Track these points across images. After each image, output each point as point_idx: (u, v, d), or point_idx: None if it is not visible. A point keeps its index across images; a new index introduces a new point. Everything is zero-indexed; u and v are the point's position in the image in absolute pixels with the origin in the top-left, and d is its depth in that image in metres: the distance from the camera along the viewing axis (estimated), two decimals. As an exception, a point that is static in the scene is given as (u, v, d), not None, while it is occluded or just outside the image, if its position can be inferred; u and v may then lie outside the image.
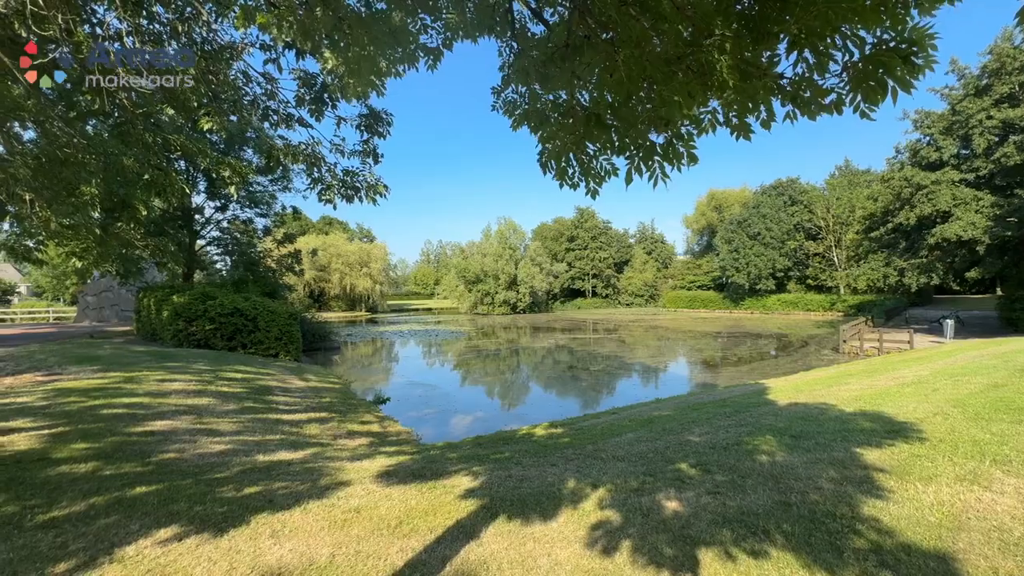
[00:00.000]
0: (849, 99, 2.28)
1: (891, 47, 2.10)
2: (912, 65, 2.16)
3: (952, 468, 4.17)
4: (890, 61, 2.13)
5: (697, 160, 2.59)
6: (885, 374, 11.22)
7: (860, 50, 2.19)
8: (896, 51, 2.12)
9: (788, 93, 2.32)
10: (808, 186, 52.77)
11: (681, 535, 3.17)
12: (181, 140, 4.69)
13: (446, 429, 10.78)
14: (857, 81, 2.18)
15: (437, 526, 3.47)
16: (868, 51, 2.18)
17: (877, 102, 2.24)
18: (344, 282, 58.97)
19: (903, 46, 2.11)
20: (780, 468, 4.47)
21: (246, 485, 4.34)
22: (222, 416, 7.55)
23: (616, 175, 2.85)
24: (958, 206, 23.42)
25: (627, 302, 66.37)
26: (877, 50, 2.17)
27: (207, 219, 23.95)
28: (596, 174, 2.86)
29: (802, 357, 21.16)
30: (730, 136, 2.49)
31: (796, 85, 2.36)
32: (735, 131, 2.48)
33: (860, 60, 2.20)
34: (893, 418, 6.24)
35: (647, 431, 6.81)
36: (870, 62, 2.18)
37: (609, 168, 2.87)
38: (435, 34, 3.61)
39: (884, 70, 2.09)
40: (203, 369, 11.51)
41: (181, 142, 4.64)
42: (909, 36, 2.14)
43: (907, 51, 2.13)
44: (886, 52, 2.15)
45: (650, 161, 2.54)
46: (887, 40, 2.11)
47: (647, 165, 2.55)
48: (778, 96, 2.35)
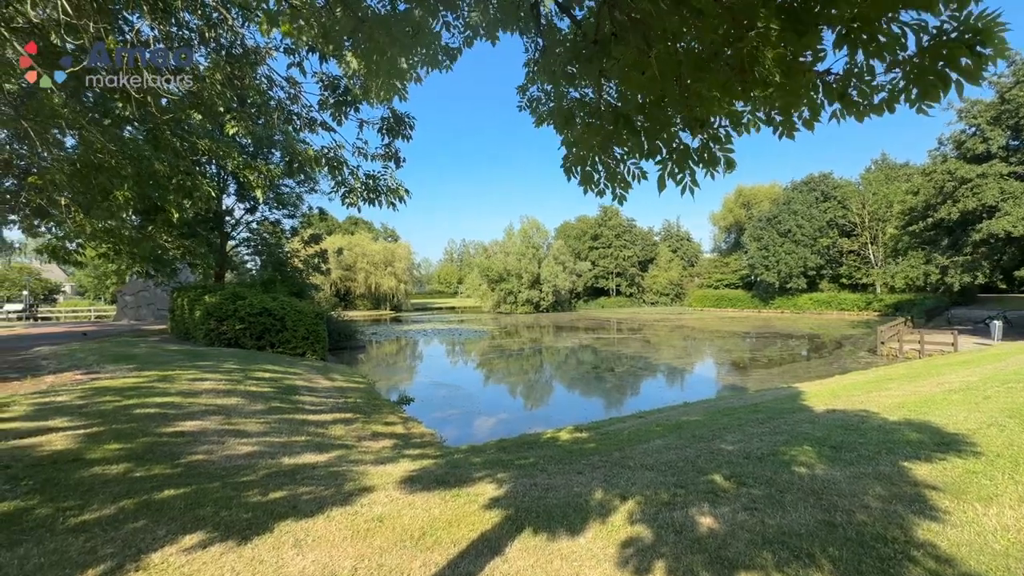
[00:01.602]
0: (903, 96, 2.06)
1: (953, 38, 1.89)
2: (979, 56, 1.94)
3: (1015, 488, 3.86)
4: (953, 52, 1.91)
5: (734, 166, 2.40)
6: (929, 379, 10.66)
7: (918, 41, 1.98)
8: (961, 41, 1.90)
9: (835, 90, 2.12)
10: (842, 181, 50.89)
11: (718, 556, 3.00)
12: (208, 144, 4.73)
13: (470, 431, 10.73)
14: (915, 77, 1.97)
15: (461, 539, 3.38)
16: (926, 43, 1.97)
17: (938, 98, 2.02)
18: (369, 281, 59.83)
19: (968, 35, 1.89)
20: (821, 483, 4.23)
21: (271, 489, 4.34)
22: (250, 416, 7.66)
23: (645, 178, 2.69)
24: (1006, 200, 22.17)
25: (652, 301, 65.38)
26: (938, 41, 1.96)
27: (237, 220, 24.55)
28: (623, 179, 2.71)
29: (836, 359, 20.38)
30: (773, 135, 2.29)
31: (843, 82, 2.15)
32: (779, 129, 2.29)
33: (917, 53, 1.99)
34: (942, 429, 5.87)
35: (676, 437, 6.59)
36: (928, 55, 1.96)
37: (638, 172, 2.70)
38: (456, 33, 3.51)
39: (945, 63, 1.88)
40: (233, 368, 11.76)
41: (208, 146, 4.68)
42: (974, 25, 1.92)
43: (972, 40, 1.91)
44: (948, 43, 1.93)
45: (684, 165, 2.38)
46: (948, 31, 1.89)
47: (679, 169, 2.39)
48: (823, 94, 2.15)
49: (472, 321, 47.26)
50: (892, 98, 2.05)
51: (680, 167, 2.39)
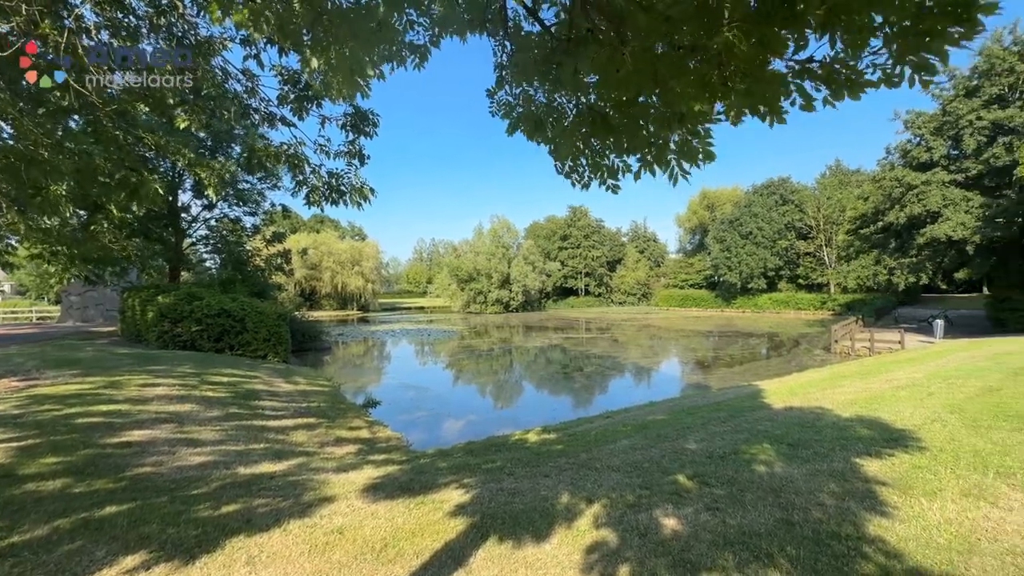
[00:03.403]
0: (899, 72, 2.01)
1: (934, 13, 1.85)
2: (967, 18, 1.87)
3: (956, 481, 4.07)
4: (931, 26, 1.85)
5: (714, 157, 2.40)
6: (879, 376, 11.19)
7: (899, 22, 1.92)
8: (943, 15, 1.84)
9: (820, 76, 2.10)
10: (799, 186, 53.06)
11: (681, 559, 3.02)
12: (155, 138, 4.45)
13: (437, 433, 10.59)
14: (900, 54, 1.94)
15: (424, 550, 3.29)
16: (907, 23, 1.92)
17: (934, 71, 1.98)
18: (335, 281, 58.47)
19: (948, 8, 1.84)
20: (779, 481, 4.35)
21: (224, 502, 4.13)
22: (205, 424, 7.32)
23: (630, 171, 2.67)
24: (948, 206, 23.58)
25: (620, 301, 66.47)
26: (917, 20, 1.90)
27: (194, 217, 23.52)
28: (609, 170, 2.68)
29: (794, 357, 21.20)
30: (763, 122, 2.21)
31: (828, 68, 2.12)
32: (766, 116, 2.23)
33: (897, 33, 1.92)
34: (890, 425, 6.15)
35: (642, 437, 6.67)
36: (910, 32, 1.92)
37: (622, 165, 2.68)
38: (422, 31, 3.42)
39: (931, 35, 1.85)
40: (188, 372, 11.23)
41: (156, 140, 4.40)
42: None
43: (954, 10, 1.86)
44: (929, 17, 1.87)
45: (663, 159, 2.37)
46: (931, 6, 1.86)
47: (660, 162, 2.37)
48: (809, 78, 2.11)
49: (441, 321, 46.84)
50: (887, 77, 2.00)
51: (660, 161, 2.38)
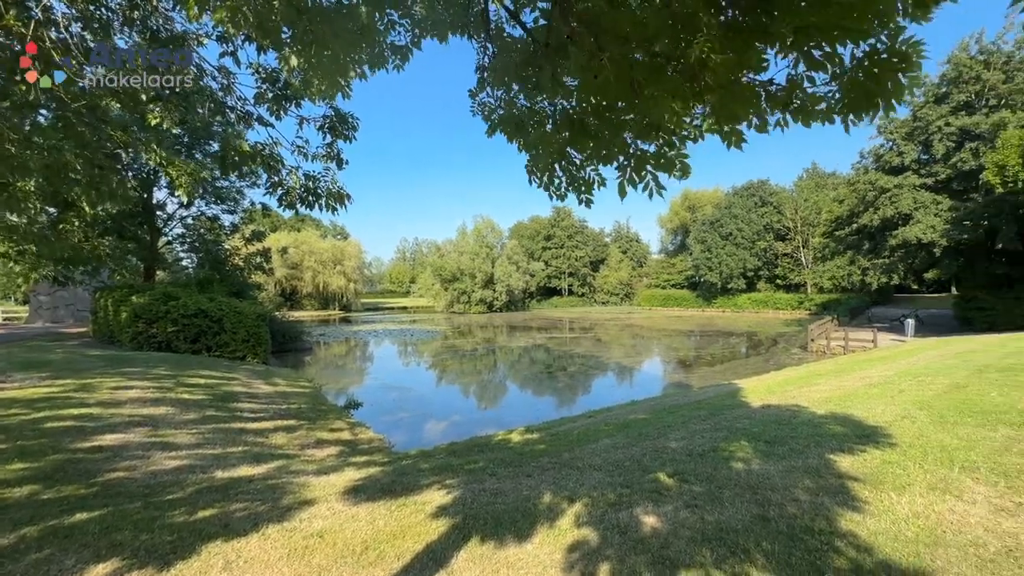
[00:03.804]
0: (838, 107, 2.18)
1: (883, 58, 2.01)
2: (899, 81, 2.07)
3: (924, 476, 4.20)
4: (882, 73, 2.04)
5: (689, 171, 2.44)
6: (852, 374, 11.50)
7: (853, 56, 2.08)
8: (888, 63, 2.02)
9: (779, 100, 2.21)
10: (778, 188, 54.18)
11: (660, 556, 3.07)
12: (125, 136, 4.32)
13: (420, 434, 10.54)
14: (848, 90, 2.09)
15: (405, 551, 3.28)
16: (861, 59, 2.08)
17: (868, 112, 2.14)
18: (317, 280, 57.69)
19: (895, 59, 2.01)
20: (756, 477, 4.44)
21: (200, 507, 4.05)
22: (181, 427, 7.15)
23: (604, 185, 2.70)
24: (918, 209, 24.33)
25: (603, 300, 66.97)
26: (870, 59, 2.07)
27: (170, 215, 22.96)
28: (585, 183, 2.71)
29: (772, 356, 21.64)
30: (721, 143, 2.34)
31: (788, 92, 2.25)
32: (726, 138, 2.35)
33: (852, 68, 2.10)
34: (863, 421, 6.32)
35: (624, 436, 6.73)
36: (862, 70, 2.08)
37: (597, 179, 2.71)
38: (403, 31, 3.40)
39: (875, 83, 2.00)
40: (163, 374, 10.96)
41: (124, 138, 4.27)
42: (900, 48, 2.05)
43: (898, 65, 2.04)
44: (879, 63, 2.05)
45: (642, 170, 2.40)
46: (880, 50, 2.01)
47: (639, 175, 2.41)
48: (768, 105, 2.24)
49: (425, 321, 46.58)
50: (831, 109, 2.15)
51: (638, 172, 2.41)
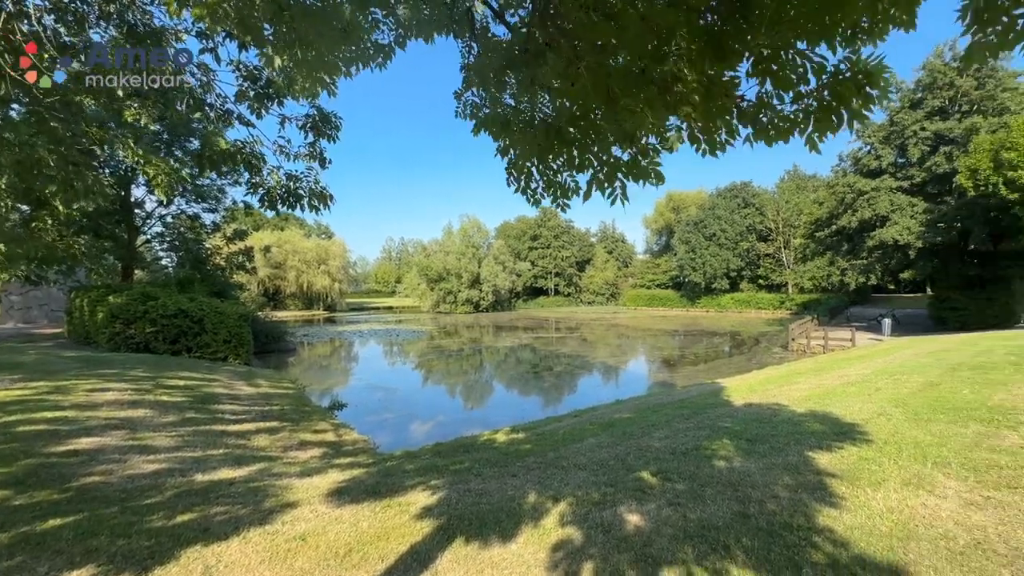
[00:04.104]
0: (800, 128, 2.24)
1: (847, 77, 2.07)
2: (867, 96, 2.14)
3: (898, 472, 4.32)
4: (845, 91, 2.10)
5: (663, 179, 2.49)
6: (831, 372, 11.75)
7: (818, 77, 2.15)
8: (852, 81, 2.08)
9: (748, 114, 2.27)
10: (760, 190, 55.07)
11: (643, 554, 3.10)
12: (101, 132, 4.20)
13: (406, 435, 10.48)
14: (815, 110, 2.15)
15: (389, 553, 3.26)
16: (825, 79, 2.15)
17: (833, 131, 2.22)
18: (301, 280, 56.99)
19: (859, 77, 2.08)
20: (738, 475, 4.51)
21: (180, 511, 3.98)
22: (159, 430, 7.01)
23: (579, 193, 2.73)
24: (895, 211, 24.94)
25: (589, 300, 67.34)
26: (834, 79, 2.14)
27: (149, 214, 22.47)
28: (562, 189, 2.73)
29: (755, 355, 21.99)
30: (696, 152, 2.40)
31: (757, 108, 2.31)
32: (701, 147, 2.40)
33: (817, 88, 2.17)
34: (841, 419, 6.47)
35: (608, 435, 6.79)
36: (827, 88, 2.15)
37: (573, 185, 2.74)
38: (387, 30, 3.38)
39: (839, 101, 2.07)
40: (141, 376, 10.73)
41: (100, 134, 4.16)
42: (864, 67, 2.11)
43: (862, 82, 2.11)
44: (842, 81, 2.12)
45: (613, 178, 2.43)
46: (843, 70, 2.07)
47: (610, 182, 2.44)
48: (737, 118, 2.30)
49: (410, 321, 46.33)
50: (794, 125, 2.22)
51: (610, 180, 2.44)
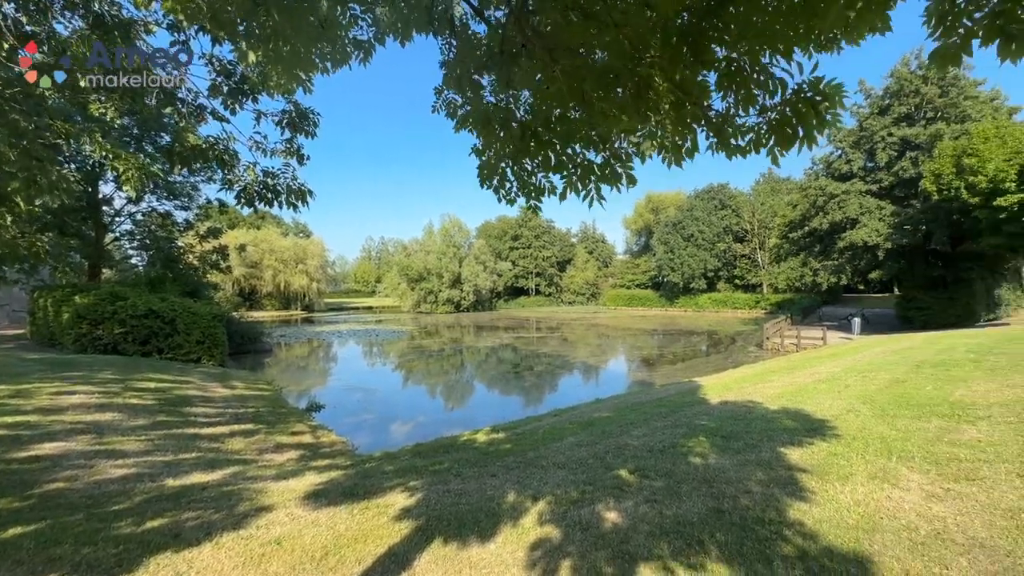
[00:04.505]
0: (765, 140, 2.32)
1: (808, 96, 2.15)
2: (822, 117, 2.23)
3: (865, 466, 4.47)
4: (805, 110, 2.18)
5: (635, 181, 2.54)
6: (803, 370, 12.07)
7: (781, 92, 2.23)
8: (811, 101, 2.16)
9: (714, 125, 2.33)
10: (736, 192, 56.18)
11: (620, 551, 3.15)
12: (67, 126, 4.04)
13: (385, 436, 10.39)
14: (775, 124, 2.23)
15: (366, 555, 3.24)
16: (788, 95, 2.23)
17: (789, 147, 2.30)
18: (278, 279, 55.92)
19: (818, 97, 2.16)
20: (713, 471, 4.60)
21: (149, 517, 3.87)
22: (128, 434, 6.80)
23: (555, 193, 2.75)
24: (864, 214, 25.74)
25: (569, 300, 67.74)
26: (796, 96, 2.22)
27: (117, 211, 21.75)
28: (536, 189, 2.75)
29: (731, 354, 22.44)
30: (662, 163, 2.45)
31: (723, 119, 2.37)
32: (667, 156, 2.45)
33: (780, 103, 2.24)
34: (812, 415, 6.66)
35: (587, 434, 6.85)
36: (788, 105, 2.22)
37: (547, 186, 2.76)
38: (366, 26, 3.35)
39: (798, 118, 2.14)
40: (109, 379, 10.39)
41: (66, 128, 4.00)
42: (823, 88, 2.20)
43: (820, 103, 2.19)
44: (803, 100, 2.19)
45: (587, 180, 2.47)
46: (804, 89, 2.15)
47: (583, 184, 2.48)
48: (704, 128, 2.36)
49: (390, 321, 45.90)
50: (758, 141, 2.30)
51: (583, 182, 2.48)
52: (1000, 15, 1.76)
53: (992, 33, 1.81)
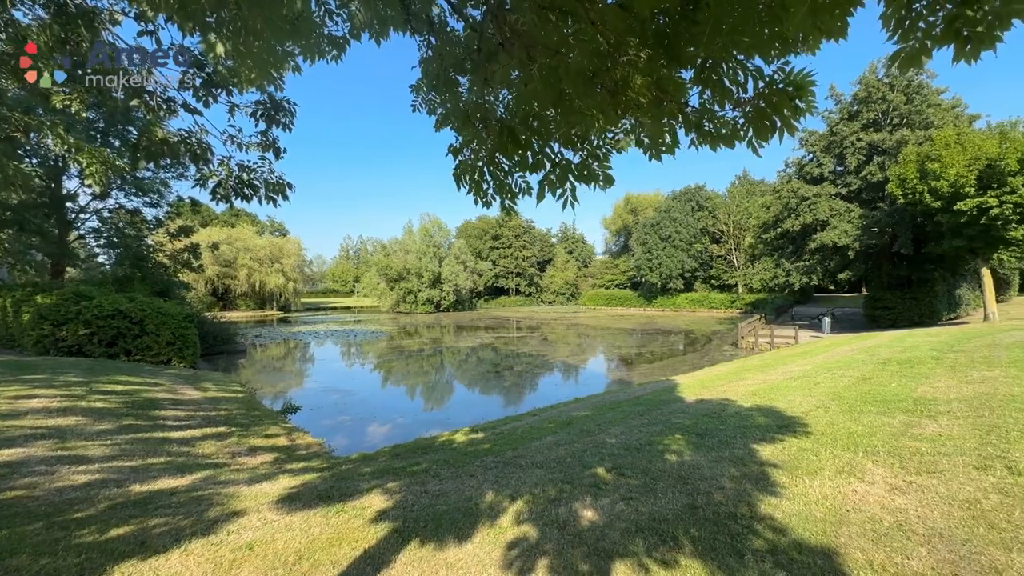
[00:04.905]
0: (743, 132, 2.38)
1: (780, 88, 2.20)
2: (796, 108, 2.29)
3: (833, 461, 4.60)
4: (780, 101, 2.24)
5: (612, 182, 2.57)
6: (776, 368, 12.37)
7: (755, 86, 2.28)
8: (785, 93, 2.22)
9: (692, 122, 2.37)
10: (713, 193, 57.29)
11: (596, 548, 3.17)
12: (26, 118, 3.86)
13: (363, 438, 10.26)
14: (752, 117, 2.28)
15: (342, 558, 3.19)
16: (762, 88, 2.28)
17: (767, 138, 2.35)
18: (253, 279, 54.70)
19: (790, 88, 2.22)
20: (688, 468, 4.68)
21: (114, 525, 3.74)
22: (93, 438, 6.56)
23: (530, 194, 2.76)
24: (834, 216, 26.53)
25: (549, 300, 68.07)
26: (769, 89, 2.27)
27: (82, 207, 20.95)
28: (511, 191, 2.75)
29: (707, 353, 22.86)
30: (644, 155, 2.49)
31: (700, 114, 2.42)
32: (648, 151, 2.49)
33: (754, 96, 2.30)
34: (784, 412, 6.83)
35: (566, 433, 6.89)
36: (763, 98, 2.28)
37: (524, 187, 2.77)
38: (341, 22, 3.30)
39: (773, 109, 2.20)
40: (73, 381, 10.00)
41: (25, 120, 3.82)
42: (795, 80, 2.26)
43: (793, 94, 2.25)
44: (777, 92, 2.26)
45: (564, 180, 2.48)
46: (777, 80, 2.20)
47: (561, 184, 2.49)
48: (682, 125, 2.40)
49: (369, 321, 45.36)
50: (736, 134, 2.35)
51: (561, 181, 2.49)
52: (955, 18, 1.84)
53: (947, 36, 1.89)
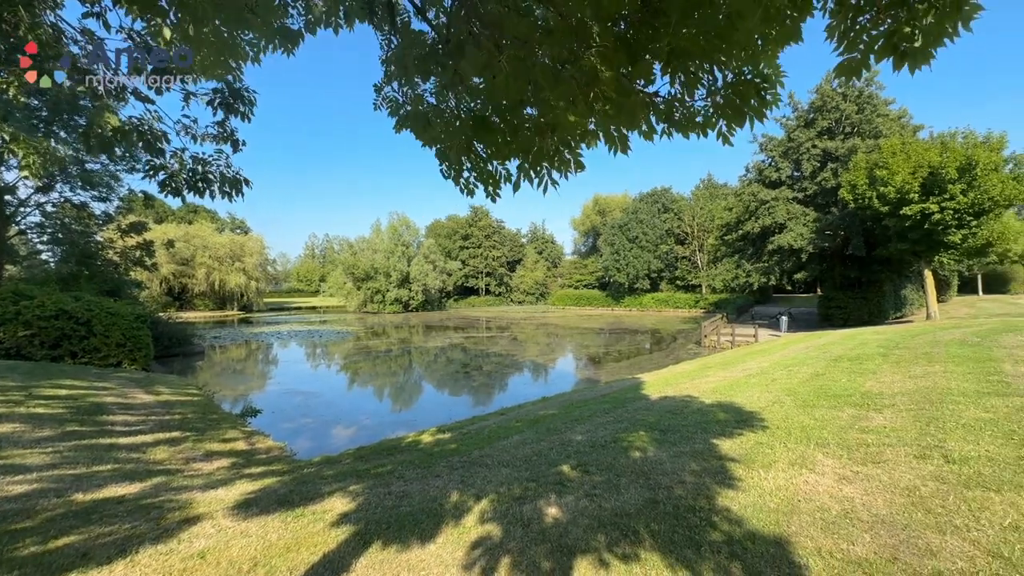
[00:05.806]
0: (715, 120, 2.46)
1: (748, 79, 2.29)
2: (763, 98, 2.38)
3: (786, 453, 4.80)
4: (747, 91, 2.32)
5: (584, 167, 2.64)
6: (737, 366, 12.79)
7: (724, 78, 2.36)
8: (752, 84, 2.31)
9: (662, 112, 2.43)
10: (678, 196, 58.78)
11: (559, 545, 3.20)
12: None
13: (326, 441, 10.02)
14: (721, 106, 2.35)
15: (299, 564, 3.10)
16: (731, 79, 2.36)
17: (741, 124, 2.43)
18: (212, 278, 52.66)
19: (758, 80, 2.30)
20: (650, 464, 4.78)
21: (53, 536, 3.52)
22: (32, 446, 6.17)
23: (510, 181, 2.78)
24: (791, 219, 27.63)
25: (519, 300, 68.30)
26: (738, 80, 2.35)
27: (22, 201, 19.66)
28: (493, 178, 2.77)
29: (672, 351, 23.42)
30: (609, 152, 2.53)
31: (670, 105, 2.48)
32: (612, 144, 2.53)
33: (723, 87, 2.37)
34: (742, 408, 7.07)
35: (533, 432, 6.92)
36: (731, 89, 2.36)
37: (504, 173, 2.79)
38: (297, 15, 3.21)
39: (742, 100, 2.28)
40: (10, 386, 9.38)
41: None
42: (763, 72, 2.35)
43: (760, 85, 2.34)
44: (744, 83, 2.34)
45: (539, 167, 2.53)
46: (746, 73, 2.29)
47: (536, 171, 2.54)
48: (654, 114, 2.45)
49: (335, 322, 44.37)
50: (708, 122, 2.43)
51: (536, 169, 2.53)
52: (893, 34, 1.96)
53: (887, 49, 2.01)
